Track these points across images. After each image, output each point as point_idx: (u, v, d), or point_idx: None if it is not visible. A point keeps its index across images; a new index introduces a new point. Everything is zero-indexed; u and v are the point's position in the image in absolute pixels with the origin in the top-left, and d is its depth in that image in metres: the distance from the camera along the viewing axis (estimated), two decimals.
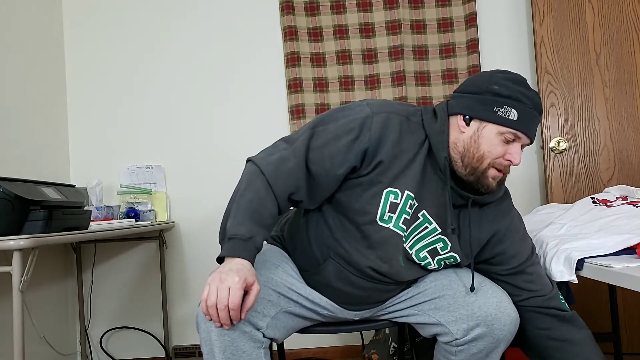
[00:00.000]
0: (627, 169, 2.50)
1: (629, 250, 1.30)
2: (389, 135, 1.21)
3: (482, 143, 1.22)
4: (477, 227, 1.33)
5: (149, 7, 2.73)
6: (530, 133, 1.23)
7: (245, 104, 2.71)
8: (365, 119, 1.22)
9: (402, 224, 1.25)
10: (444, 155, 1.24)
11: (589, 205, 1.69)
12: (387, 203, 1.23)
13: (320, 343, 2.64)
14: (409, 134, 1.24)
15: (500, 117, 1.20)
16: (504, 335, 1.27)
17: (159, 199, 2.61)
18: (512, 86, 1.21)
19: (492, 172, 1.24)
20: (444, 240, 1.31)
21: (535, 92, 1.25)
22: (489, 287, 1.31)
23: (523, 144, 1.24)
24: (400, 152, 1.22)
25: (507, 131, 1.20)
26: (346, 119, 1.23)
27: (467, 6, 2.63)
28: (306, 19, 2.67)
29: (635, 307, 2.44)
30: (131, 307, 2.68)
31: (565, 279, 1.33)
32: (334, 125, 1.23)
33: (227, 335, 1.16)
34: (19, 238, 1.43)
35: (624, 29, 2.51)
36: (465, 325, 1.27)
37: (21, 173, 2.17)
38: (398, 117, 1.24)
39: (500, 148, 1.22)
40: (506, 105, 1.20)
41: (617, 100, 2.51)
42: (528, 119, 1.21)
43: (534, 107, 1.22)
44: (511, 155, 1.22)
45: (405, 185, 1.23)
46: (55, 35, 2.67)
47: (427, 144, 1.25)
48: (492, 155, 1.22)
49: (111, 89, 2.72)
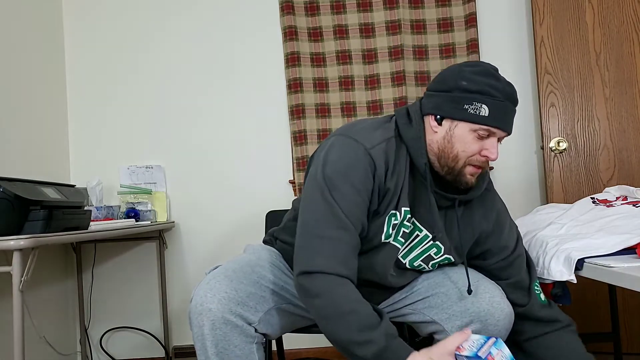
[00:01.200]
0: (627, 169, 2.50)
1: (628, 250, 1.30)
2: (388, 165, 1.21)
3: (456, 142, 1.20)
4: (465, 225, 1.32)
5: (149, 7, 2.73)
6: (504, 126, 1.19)
7: (245, 104, 2.71)
8: (368, 160, 1.19)
9: (400, 237, 1.27)
10: (424, 161, 1.23)
11: (589, 205, 1.69)
12: (389, 227, 1.24)
13: (320, 343, 2.64)
14: (398, 156, 1.24)
15: (471, 115, 1.18)
16: (499, 330, 1.26)
17: (159, 199, 2.61)
18: (480, 80, 1.19)
19: (470, 170, 1.22)
20: (437, 245, 1.31)
21: (507, 82, 1.22)
22: (482, 283, 1.31)
23: (500, 137, 1.22)
24: (397, 177, 1.23)
25: (480, 128, 1.18)
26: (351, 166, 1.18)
27: (467, 6, 2.63)
28: (306, 19, 2.67)
29: (635, 307, 2.44)
30: (131, 307, 2.68)
31: (565, 279, 1.33)
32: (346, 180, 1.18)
33: (219, 330, 1.17)
34: (19, 238, 1.44)
35: (624, 29, 2.51)
36: (459, 322, 1.27)
37: (21, 173, 2.17)
38: (385, 143, 1.23)
39: (475, 145, 1.19)
40: (476, 102, 1.17)
41: (617, 100, 2.51)
42: (500, 112, 1.18)
43: (505, 98, 1.19)
44: (487, 151, 1.19)
45: (402, 203, 1.23)
46: (55, 35, 2.67)
47: (409, 154, 1.25)
48: (467, 154, 1.20)
49: (111, 89, 2.71)
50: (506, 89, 1.20)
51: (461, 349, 1.08)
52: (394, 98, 2.62)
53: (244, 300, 1.20)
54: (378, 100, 2.63)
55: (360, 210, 1.18)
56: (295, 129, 2.62)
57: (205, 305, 1.17)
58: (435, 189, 1.25)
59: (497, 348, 1.07)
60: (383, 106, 2.62)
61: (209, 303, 1.17)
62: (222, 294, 1.19)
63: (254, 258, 1.35)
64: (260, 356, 1.23)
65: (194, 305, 1.20)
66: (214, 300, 1.18)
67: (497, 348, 1.07)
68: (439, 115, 1.22)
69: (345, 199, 1.16)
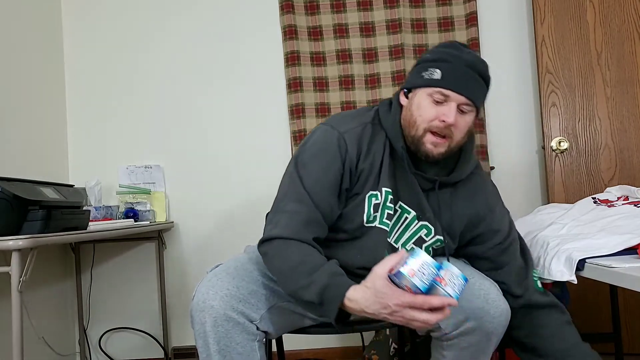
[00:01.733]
0: (629, 168, 2.49)
1: (630, 250, 1.30)
2: (362, 147, 1.26)
3: (415, 109, 1.24)
4: (455, 208, 1.33)
5: (148, 7, 2.72)
6: (458, 89, 1.19)
7: (245, 103, 2.71)
8: (340, 140, 1.25)
9: (386, 219, 1.28)
10: (400, 144, 1.27)
11: (590, 205, 1.69)
12: (370, 206, 1.27)
13: (320, 344, 2.64)
14: (374, 139, 1.28)
15: (425, 79, 1.22)
16: (494, 328, 1.24)
17: (158, 199, 2.60)
18: (441, 50, 1.24)
19: (429, 138, 1.23)
20: (426, 225, 1.31)
21: (470, 52, 1.24)
22: (478, 279, 1.29)
23: (460, 104, 1.21)
24: (372, 158, 1.27)
25: (433, 91, 1.20)
26: (322, 146, 1.26)
27: (468, 5, 2.63)
28: (306, 18, 2.66)
29: (636, 308, 2.43)
30: (130, 308, 2.67)
31: (565, 279, 1.33)
32: (316, 161, 1.26)
33: (221, 327, 1.17)
34: (18, 238, 1.43)
35: (625, 28, 2.50)
36: (453, 320, 1.24)
37: (20, 173, 2.16)
38: (361, 127, 1.29)
39: (432, 110, 1.21)
40: (431, 68, 1.22)
41: (618, 99, 2.50)
42: (455, 75, 1.19)
43: (463, 64, 1.20)
44: (444, 115, 1.20)
45: (382, 184, 1.27)
46: (55, 35, 2.66)
47: (388, 139, 1.29)
48: (424, 119, 1.22)
49: (110, 89, 2.71)
50: (464, 56, 1.22)
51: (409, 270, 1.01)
52: None
53: (245, 298, 1.21)
54: (378, 99, 2.63)
55: (326, 188, 1.23)
56: (295, 129, 2.61)
57: (208, 303, 1.18)
58: (415, 171, 1.27)
59: (444, 269, 1.02)
60: None
61: (211, 300, 1.18)
62: (224, 291, 1.19)
63: (254, 257, 1.36)
64: (261, 355, 1.24)
65: (195, 303, 1.20)
66: (216, 297, 1.18)
67: (444, 269, 1.02)
68: (406, 89, 1.28)
69: (311, 177, 1.23)
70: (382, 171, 1.27)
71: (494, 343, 1.28)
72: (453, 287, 0.99)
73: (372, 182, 1.26)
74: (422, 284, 0.98)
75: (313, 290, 1.09)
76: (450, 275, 1.00)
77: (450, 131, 1.22)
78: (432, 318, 0.99)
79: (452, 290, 0.99)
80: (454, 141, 1.24)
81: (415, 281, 0.98)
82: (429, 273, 0.99)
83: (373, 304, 1.03)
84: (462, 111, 1.21)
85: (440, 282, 0.99)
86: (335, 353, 2.64)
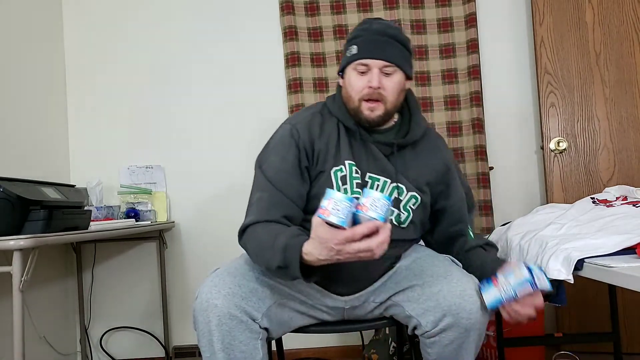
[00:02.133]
0: (627, 169, 2.50)
1: (628, 250, 1.30)
2: (313, 131, 1.39)
3: (347, 86, 1.39)
4: (418, 163, 1.43)
5: (149, 7, 2.73)
6: (375, 55, 1.33)
7: (245, 104, 2.71)
8: (293, 130, 1.39)
9: (356, 188, 1.36)
10: (352, 122, 1.39)
11: (588, 205, 1.69)
12: (337, 179, 1.36)
13: (320, 343, 2.64)
14: (325, 124, 1.41)
15: (347, 57, 1.38)
16: (472, 323, 1.26)
17: (159, 199, 2.61)
18: (356, 29, 1.40)
19: (365, 105, 1.36)
20: (397, 186, 1.39)
21: (384, 23, 1.39)
22: (455, 274, 1.32)
23: (381, 68, 1.34)
24: (327, 138, 1.39)
25: (355, 64, 1.35)
26: (279, 140, 1.40)
27: (467, 6, 2.63)
28: (306, 19, 2.67)
29: (635, 307, 2.44)
30: (131, 307, 2.68)
31: (562, 278, 1.33)
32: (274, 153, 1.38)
33: (225, 325, 1.20)
34: (19, 238, 1.44)
35: (624, 29, 2.51)
36: (432, 317, 1.28)
37: (21, 173, 2.17)
38: (311, 116, 1.43)
39: (359, 81, 1.35)
40: (349, 46, 1.38)
41: (617, 100, 2.51)
42: (369, 46, 1.34)
43: (374, 33, 1.35)
44: (369, 82, 1.33)
45: (343, 158, 1.37)
46: (55, 35, 2.67)
47: (340, 122, 1.42)
48: (355, 91, 1.36)
49: (111, 89, 2.71)
50: (374, 27, 1.37)
51: (324, 210, 1.07)
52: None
53: (247, 296, 1.24)
54: None
55: (287, 171, 1.35)
56: None
57: (212, 302, 1.21)
58: (374, 140, 1.39)
59: (366, 196, 1.07)
60: None
61: (215, 299, 1.21)
62: (226, 289, 1.22)
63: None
64: (264, 353, 1.26)
65: (199, 303, 1.23)
66: (219, 296, 1.21)
67: (366, 196, 1.07)
68: (340, 73, 1.44)
69: (271, 167, 1.36)
70: (341, 148, 1.38)
71: (473, 339, 1.28)
72: (375, 210, 1.05)
73: (332, 159, 1.37)
74: (339, 219, 1.04)
75: (277, 255, 1.16)
76: (372, 200, 1.05)
77: (380, 94, 1.35)
78: (372, 243, 1.05)
79: (375, 212, 1.04)
80: (389, 102, 1.36)
81: (332, 219, 1.04)
82: (343, 207, 1.04)
83: (322, 251, 1.09)
84: (386, 74, 1.35)
85: (362, 209, 1.05)
86: (335, 352, 2.64)
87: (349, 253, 1.06)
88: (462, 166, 2.61)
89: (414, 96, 1.50)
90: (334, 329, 1.48)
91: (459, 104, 2.64)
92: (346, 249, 1.06)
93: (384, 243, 1.07)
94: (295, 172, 1.35)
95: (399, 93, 1.38)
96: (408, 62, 1.40)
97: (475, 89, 2.60)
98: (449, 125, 2.64)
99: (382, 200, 1.05)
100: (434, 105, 2.64)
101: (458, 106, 2.64)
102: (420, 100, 2.64)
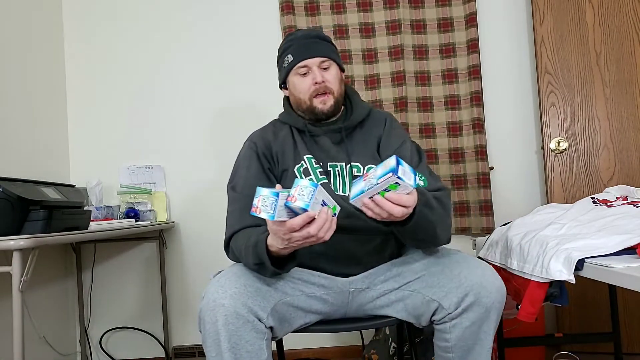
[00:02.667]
0: (628, 168, 2.50)
1: (629, 250, 1.30)
2: (268, 137, 1.54)
3: (295, 91, 1.52)
4: (368, 137, 1.54)
5: (149, 8, 2.73)
6: (308, 55, 1.49)
7: (245, 104, 2.71)
8: (250, 144, 1.55)
9: (321, 176, 1.46)
10: (301, 122, 1.53)
11: (589, 205, 1.69)
12: (301, 174, 1.47)
13: (320, 343, 2.64)
14: (279, 132, 1.56)
15: (286, 68, 1.53)
16: (492, 302, 1.28)
17: (159, 199, 2.61)
18: (284, 41, 1.56)
19: (316, 101, 1.49)
20: (352, 165, 1.48)
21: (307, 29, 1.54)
22: (473, 260, 1.36)
23: (318, 65, 1.49)
24: (282, 141, 1.52)
25: (295, 70, 1.50)
26: (241, 157, 1.55)
27: (467, 6, 2.63)
28: (306, 19, 2.66)
29: (635, 307, 2.43)
30: (131, 307, 2.67)
31: (564, 279, 1.33)
32: (240, 169, 1.52)
33: (232, 324, 1.21)
34: (19, 238, 1.44)
35: (624, 29, 2.51)
36: (455, 298, 1.29)
37: (21, 173, 2.17)
38: (264, 128, 1.60)
39: (304, 83, 1.50)
40: (284, 57, 1.54)
41: (617, 100, 2.51)
42: (300, 50, 1.50)
43: (302, 38, 1.52)
44: (314, 79, 1.48)
45: (302, 154, 1.49)
46: (55, 35, 2.67)
47: (292, 127, 1.55)
48: (303, 92, 1.50)
49: (111, 89, 2.71)
50: (299, 34, 1.54)
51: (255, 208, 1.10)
52: (394, 98, 2.62)
53: (253, 295, 1.25)
54: (378, 100, 2.63)
55: (254, 178, 1.46)
56: None
57: (219, 301, 1.22)
58: (324, 132, 1.51)
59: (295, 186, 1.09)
60: (383, 106, 2.62)
61: (222, 299, 1.22)
62: (233, 289, 1.24)
63: None
64: (269, 354, 1.27)
65: (206, 303, 1.24)
66: (226, 296, 1.22)
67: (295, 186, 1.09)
68: (281, 84, 1.59)
69: (239, 182, 1.49)
70: (298, 147, 1.51)
71: (493, 320, 1.30)
72: (302, 198, 1.08)
73: (292, 159, 1.49)
74: (267, 214, 1.08)
75: (251, 253, 1.25)
76: (300, 190, 1.09)
77: (327, 87, 1.49)
78: (312, 230, 1.11)
79: (302, 201, 1.08)
80: (335, 92, 1.51)
81: (262, 215, 1.09)
82: (270, 202, 1.09)
83: (277, 242, 1.17)
84: (324, 68, 1.50)
85: (291, 200, 1.08)
86: (335, 352, 2.64)
87: (298, 241, 1.14)
88: (462, 166, 2.61)
89: (349, 85, 1.66)
90: (335, 328, 1.48)
91: (459, 104, 2.63)
92: (293, 237, 1.13)
93: (322, 228, 1.12)
94: (261, 176, 1.48)
95: (340, 83, 1.53)
96: (338, 55, 1.57)
97: (476, 88, 2.60)
98: (449, 125, 2.64)
99: (309, 187, 1.08)
100: (434, 105, 2.64)
101: (458, 106, 2.63)
102: (420, 101, 2.64)
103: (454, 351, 1.32)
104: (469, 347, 1.31)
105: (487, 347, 1.31)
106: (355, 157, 1.49)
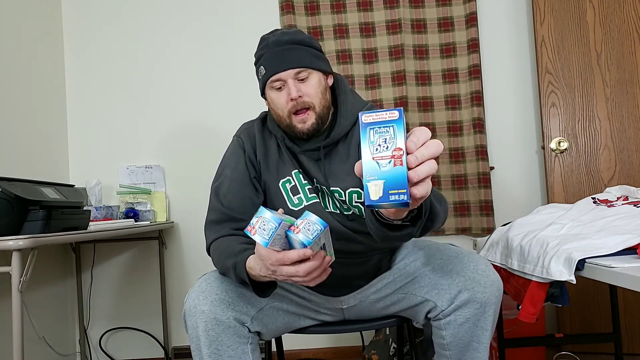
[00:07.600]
0: (628, 168, 2.49)
1: (630, 250, 1.30)
2: (254, 140, 1.41)
3: (272, 106, 1.35)
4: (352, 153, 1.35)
5: (148, 8, 2.73)
6: (282, 67, 1.29)
7: (245, 104, 2.70)
8: (238, 140, 1.44)
9: (310, 195, 1.35)
10: (280, 134, 1.38)
11: (589, 205, 1.69)
12: (287, 191, 1.35)
13: (320, 343, 2.64)
14: (266, 134, 1.42)
15: (261, 80, 1.36)
16: (487, 297, 1.24)
17: (158, 199, 2.60)
18: (257, 49, 1.37)
19: (296, 119, 1.32)
20: (336, 191, 1.33)
21: (278, 33, 1.34)
22: (465, 253, 1.32)
23: (294, 77, 1.30)
24: (268, 148, 1.40)
25: (269, 84, 1.33)
26: (228, 155, 1.45)
27: (468, 6, 2.63)
28: (306, 19, 2.66)
29: (636, 308, 2.43)
30: (130, 308, 2.67)
31: (564, 279, 1.33)
32: (226, 168, 1.42)
33: (212, 331, 1.19)
34: (18, 238, 1.43)
35: (625, 29, 2.50)
36: (448, 295, 1.26)
37: (21, 173, 2.17)
38: (251, 124, 1.46)
39: (280, 98, 1.32)
40: (258, 68, 1.36)
41: (618, 100, 2.50)
42: (273, 60, 1.31)
43: (273, 46, 1.31)
44: (289, 95, 1.30)
45: (289, 170, 1.36)
46: (55, 35, 2.67)
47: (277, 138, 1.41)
48: (280, 107, 1.32)
49: (110, 89, 2.71)
50: (270, 41, 1.33)
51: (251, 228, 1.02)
52: (395, 98, 2.62)
53: (234, 301, 1.23)
54: (378, 100, 2.63)
55: (239, 182, 1.37)
56: None
57: (199, 307, 1.20)
58: (302, 150, 1.35)
59: (302, 218, 1.03)
60: (383, 106, 2.61)
61: (202, 305, 1.20)
62: (213, 295, 1.21)
63: None
64: (254, 357, 1.24)
65: (187, 308, 1.22)
66: (206, 302, 1.20)
67: (302, 218, 1.03)
68: (263, 96, 1.41)
69: (224, 183, 1.39)
70: (284, 160, 1.37)
71: (490, 315, 1.26)
72: (306, 233, 1.01)
73: (276, 171, 1.37)
74: (262, 239, 1.00)
75: (232, 274, 1.19)
76: (306, 224, 1.02)
77: (305, 102, 1.30)
78: (300, 270, 1.02)
79: (305, 236, 1.00)
80: (317, 106, 1.32)
81: (256, 238, 1.01)
82: (270, 228, 1.01)
83: (261, 268, 1.08)
84: (300, 80, 1.30)
85: (294, 230, 1.01)
86: (335, 353, 2.64)
87: (282, 275, 1.04)
88: (462, 166, 2.61)
89: (343, 87, 1.42)
90: (334, 330, 1.48)
91: (460, 104, 2.63)
92: (279, 270, 1.03)
93: (313, 272, 1.02)
94: (246, 181, 1.38)
95: (322, 93, 1.33)
96: (319, 59, 1.35)
97: (476, 88, 2.59)
98: (449, 125, 2.63)
99: (317, 225, 1.01)
100: (435, 105, 2.64)
101: (459, 106, 2.63)
102: (420, 100, 2.64)
103: (450, 348, 1.29)
104: (465, 344, 1.28)
105: (484, 343, 1.28)
106: (333, 181, 1.33)
